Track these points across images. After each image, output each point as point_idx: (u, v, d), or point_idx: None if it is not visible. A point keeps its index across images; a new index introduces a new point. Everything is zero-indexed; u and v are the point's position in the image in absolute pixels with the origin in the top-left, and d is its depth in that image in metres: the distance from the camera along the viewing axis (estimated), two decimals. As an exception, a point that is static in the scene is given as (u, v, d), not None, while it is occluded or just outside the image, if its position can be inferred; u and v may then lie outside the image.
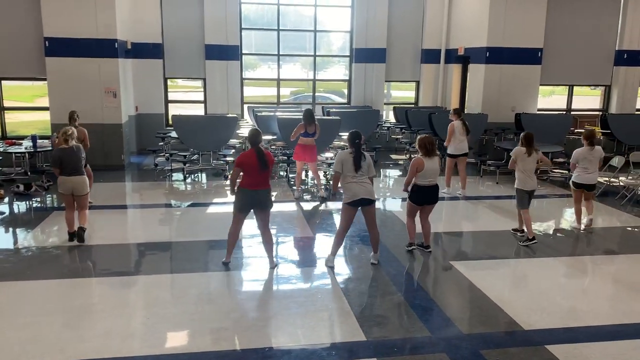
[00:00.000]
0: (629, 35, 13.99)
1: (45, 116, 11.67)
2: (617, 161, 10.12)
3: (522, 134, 7.49)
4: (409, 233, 7.04)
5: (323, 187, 9.86)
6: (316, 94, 15.66)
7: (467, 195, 9.86)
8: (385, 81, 15.28)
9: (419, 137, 6.83)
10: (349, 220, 6.33)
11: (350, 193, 6.17)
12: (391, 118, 15.71)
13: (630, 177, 10.11)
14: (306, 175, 11.29)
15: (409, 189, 6.76)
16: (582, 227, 8.03)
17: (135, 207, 9.44)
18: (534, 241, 7.26)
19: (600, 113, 14.39)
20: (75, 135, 7.20)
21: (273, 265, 6.42)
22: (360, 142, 6.25)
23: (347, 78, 15.52)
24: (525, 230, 7.40)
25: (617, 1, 13.98)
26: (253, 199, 6.14)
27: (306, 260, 6.98)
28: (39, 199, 9.42)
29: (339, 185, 6.34)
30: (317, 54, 15.29)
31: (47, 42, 11.08)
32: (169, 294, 5.78)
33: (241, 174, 6.18)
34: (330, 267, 6.44)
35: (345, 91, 15.74)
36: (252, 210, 6.30)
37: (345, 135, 11.14)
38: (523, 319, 5.20)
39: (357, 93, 15.07)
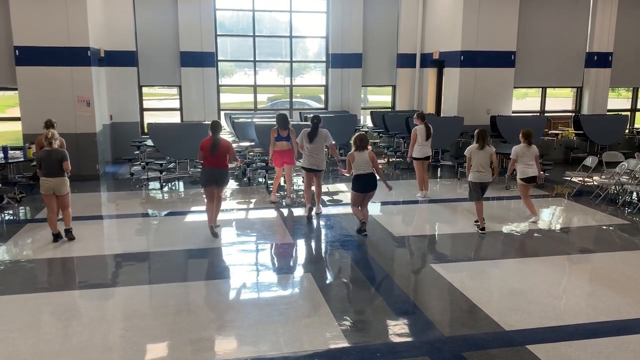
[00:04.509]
0: (599, 38, 14.31)
1: (17, 127, 11.43)
2: (590, 161, 10.31)
3: (476, 131, 8.20)
4: (356, 217, 7.92)
5: (292, 195, 9.77)
6: (293, 99, 15.65)
7: (431, 197, 9.98)
8: (362, 86, 15.36)
9: (356, 134, 7.87)
10: (309, 179, 8.62)
11: (304, 161, 8.54)
12: (369, 122, 15.79)
13: (604, 177, 10.30)
14: (285, 182, 11.25)
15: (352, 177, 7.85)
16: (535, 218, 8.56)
17: (112, 218, 9.28)
18: (483, 231, 7.95)
19: (573, 114, 14.66)
20: (57, 136, 7.46)
21: (216, 226, 7.71)
22: (316, 121, 8.45)
23: (323, 83, 15.56)
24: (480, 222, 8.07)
25: (587, 5, 14.29)
26: (212, 176, 7.52)
27: (286, 266, 6.94)
28: (11, 211, 9.20)
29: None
30: (293, 59, 15.30)
31: (17, 51, 10.87)
32: (148, 306, 5.67)
33: None
34: (309, 218, 8.51)
35: (322, 96, 15.76)
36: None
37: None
38: (504, 319, 5.23)
39: (334, 98, 15.11)
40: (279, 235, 8.08)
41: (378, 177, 7.77)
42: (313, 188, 8.74)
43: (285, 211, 9.15)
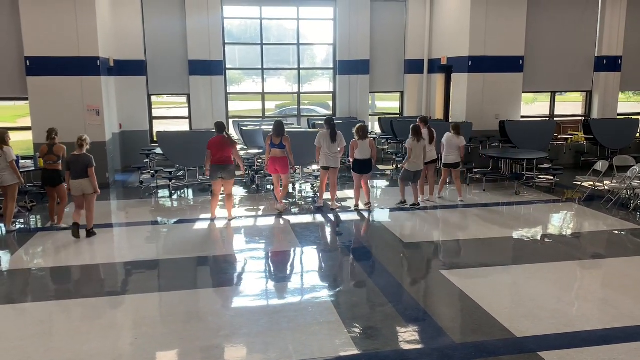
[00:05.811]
0: (608, 42, 14.22)
1: (28, 136, 11.54)
2: (600, 166, 10.23)
3: (411, 126, 9.50)
4: (355, 198, 9.57)
5: (284, 199, 9.70)
6: (301, 106, 15.68)
7: (440, 203, 10.01)
8: (370, 92, 15.36)
9: (357, 125, 9.45)
10: (324, 176, 9.49)
11: (323, 161, 9.35)
12: (377, 129, 15.77)
13: (615, 181, 10.21)
14: (293, 188, 11.28)
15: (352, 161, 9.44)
16: (459, 199, 10.01)
17: (122, 226, 9.33)
18: (418, 206, 9.53)
19: (583, 118, 14.56)
20: (89, 141, 8.10)
21: (230, 218, 8.75)
22: (334, 123, 9.39)
23: (331, 90, 15.58)
24: (419, 201, 9.66)
25: (595, 8, 14.22)
26: (218, 170, 8.57)
27: (295, 273, 6.93)
28: (22, 220, 9.27)
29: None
30: (301, 67, 15.34)
31: (28, 62, 10.99)
32: (158, 313, 5.69)
33: None
34: (318, 208, 9.51)
35: (330, 103, 15.79)
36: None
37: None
38: (515, 326, 5.19)
39: (342, 105, 15.13)
40: (287, 242, 8.07)
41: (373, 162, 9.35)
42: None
43: (293, 218, 9.15)
